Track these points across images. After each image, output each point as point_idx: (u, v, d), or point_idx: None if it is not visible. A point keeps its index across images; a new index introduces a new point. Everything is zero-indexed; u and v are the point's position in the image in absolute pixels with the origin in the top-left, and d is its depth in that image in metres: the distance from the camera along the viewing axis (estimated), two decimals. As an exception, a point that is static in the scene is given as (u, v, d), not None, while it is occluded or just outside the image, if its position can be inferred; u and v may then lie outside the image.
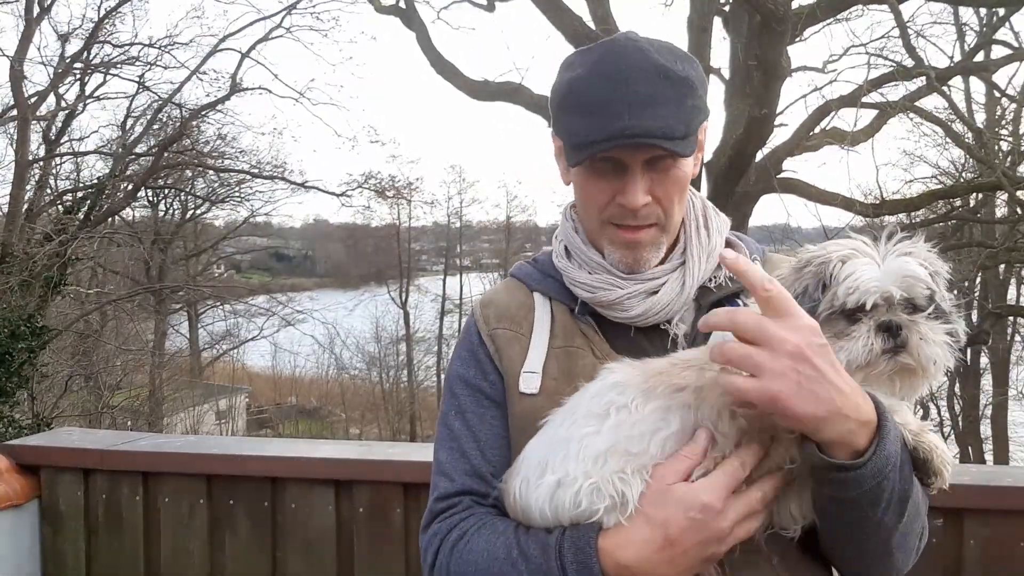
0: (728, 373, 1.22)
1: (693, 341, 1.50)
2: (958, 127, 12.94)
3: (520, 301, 1.60)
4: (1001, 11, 12.82)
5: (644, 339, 1.52)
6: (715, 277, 1.55)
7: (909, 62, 10.87)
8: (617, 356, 1.46)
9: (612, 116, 1.37)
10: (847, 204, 11.66)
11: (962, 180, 15.14)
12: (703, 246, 1.56)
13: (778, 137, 11.68)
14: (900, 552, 1.35)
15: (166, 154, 18.17)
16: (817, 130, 12.02)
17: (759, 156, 10.88)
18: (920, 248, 1.33)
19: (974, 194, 13.79)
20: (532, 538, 1.34)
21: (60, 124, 18.00)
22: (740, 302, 1.53)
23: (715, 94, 11.86)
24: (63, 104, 17.99)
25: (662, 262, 1.54)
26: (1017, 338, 20.14)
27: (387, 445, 4.48)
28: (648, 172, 1.44)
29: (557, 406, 1.42)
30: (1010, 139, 14.34)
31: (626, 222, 1.47)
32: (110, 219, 18.58)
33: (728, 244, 1.60)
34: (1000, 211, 14.54)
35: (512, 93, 12.03)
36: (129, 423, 19.26)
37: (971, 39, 15.47)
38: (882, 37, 13.06)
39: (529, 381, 1.50)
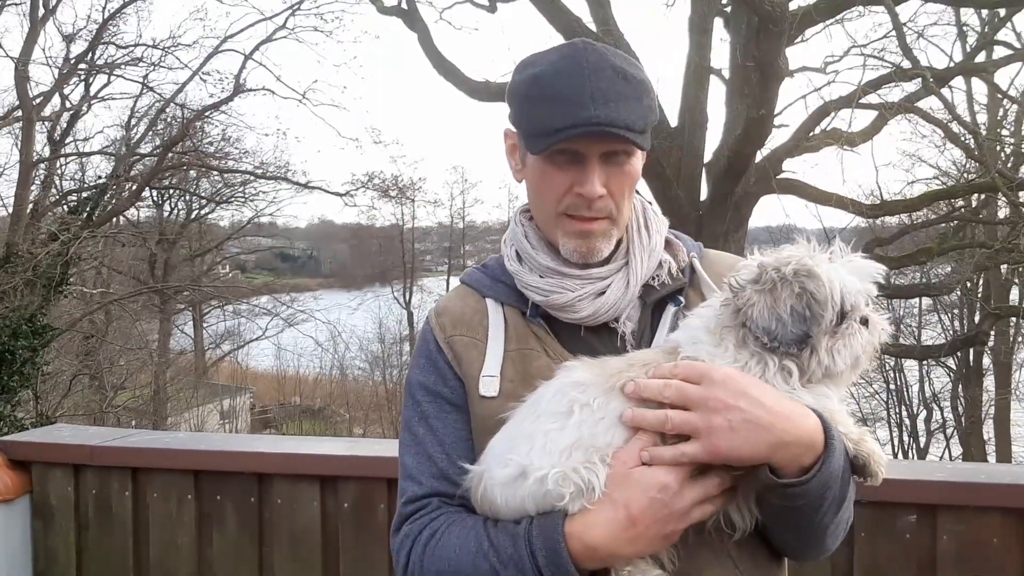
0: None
1: (640, 337, 1.58)
2: (956, 128, 12.92)
3: (473, 307, 1.64)
4: (1002, 12, 12.80)
5: (594, 337, 1.58)
6: (657, 275, 1.61)
7: (907, 63, 10.87)
8: (569, 355, 1.53)
9: (578, 106, 1.43)
10: (847, 205, 11.65)
11: (963, 181, 15.10)
12: (644, 246, 1.61)
13: (778, 138, 11.72)
14: (832, 538, 1.48)
15: (170, 155, 18.23)
16: (817, 131, 12.01)
17: (758, 157, 10.90)
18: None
19: (974, 195, 13.76)
20: (501, 530, 1.40)
21: (65, 125, 18.03)
22: (681, 299, 1.61)
23: (715, 95, 11.88)
24: (68, 105, 18.04)
25: (607, 262, 1.59)
26: (1020, 339, 20.07)
27: (372, 441, 4.52)
28: (603, 165, 1.50)
29: (516, 406, 1.47)
30: (1012, 140, 14.32)
31: (580, 213, 1.52)
32: (115, 219, 18.65)
33: (667, 243, 1.66)
34: (1003, 212, 14.52)
35: (512, 94, 12.03)
36: (133, 423, 19.34)
37: (972, 40, 15.44)
38: (882, 38, 13.05)
39: (488, 385, 1.55)
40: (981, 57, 13.80)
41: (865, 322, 1.39)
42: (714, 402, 1.30)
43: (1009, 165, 12.69)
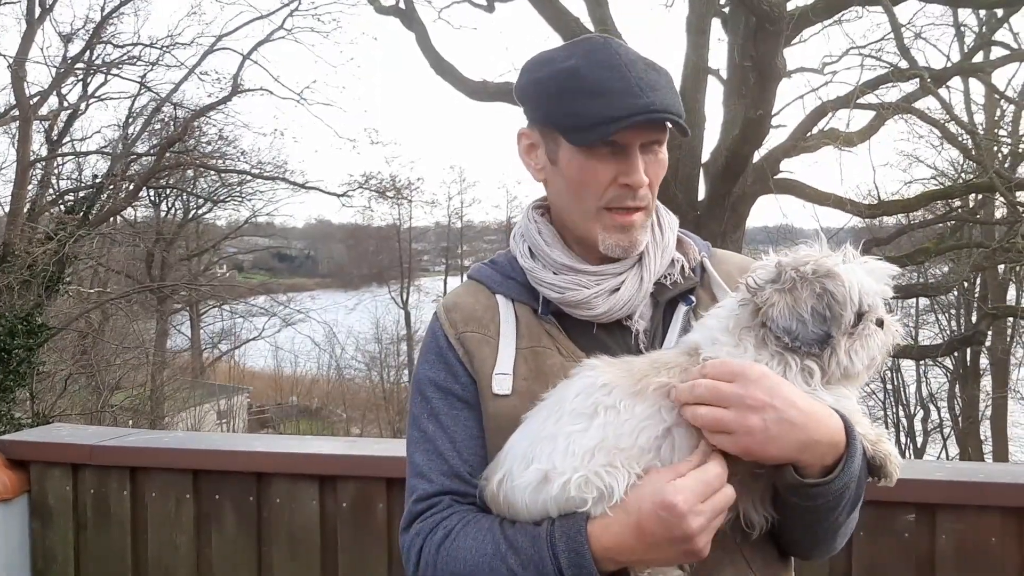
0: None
1: (652, 336, 1.57)
2: (954, 128, 12.94)
3: (484, 304, 1.62)
4: (1000, 12, 12.83)
5: (606, 335, 1.56)
6: (669, 274, 1.60)
7: (905, 64, 10.89)
8: (582, 354, 1.51)
9: (629, 95, 1.43)
10: (845, 205, 11.67)
11: (960, 181, 15.14)
12: (657, 243, 1.60)
13: (775, 138, 11.73)
14: (841, 538, 1.50)
15: (167, 154, 18.22)
16: (815, 131, 12.03)
17: (756, 157, 10.91)
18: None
19: (971, 195, 13.79)
20: (519, 531, 1.38)
21: (62, 124, 18.06)
22: (692, 298, 1.60)
23: (713, 95, 11.90)
24: (65, 104, 18.06)
25: (618, 259, 1.58)
26: (1017, 339, 20.10)
27: (372, 441, 4.53)
28: (642, 155, 1.49)
29: (530, 405, 1.45)
30: (1009, 140, 14.35)
31: (625, 204, 1.51)
32: (112, 219, 18.64)
33: (678, 241, 1.65)
34: (1000, 212, 14.55)
35: (510, 94, 12.00)
36: (130, 422, 19.30)
37: (970, 40, 15.47)
38: (881, 39, 13.07)
39: (501, 383, 1.53)
40: (979, 57, 13.80)
41: (880, 323, 1.39)
42: (751, 400, 1.29)
43: (1006, 165, 12.71)
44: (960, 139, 13.12)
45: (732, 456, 1.33)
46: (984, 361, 20.24)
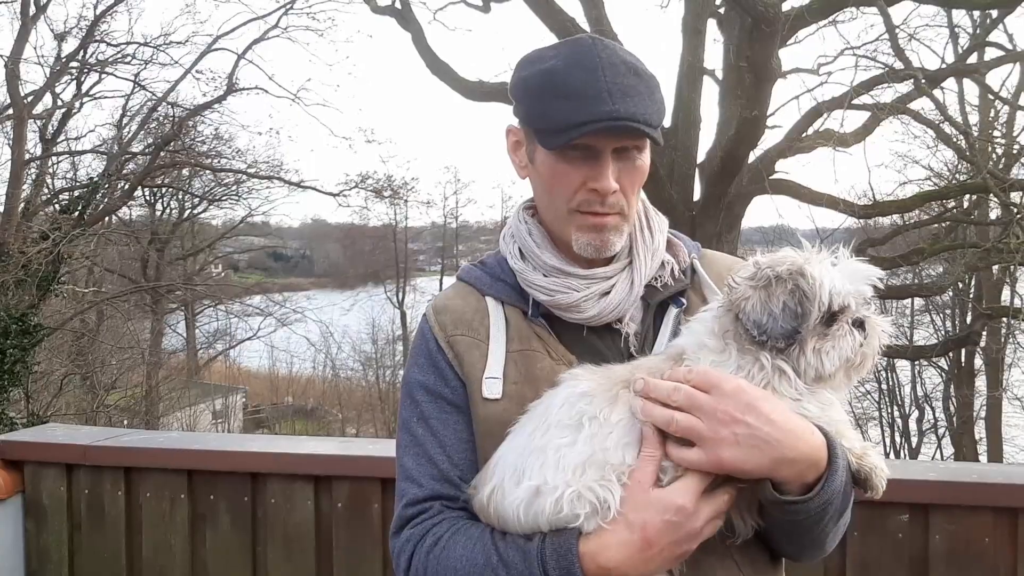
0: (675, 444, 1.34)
1: (643, 339, 1.56)
2: (948, 129, 12.96)
3: (474, 306, 1.61)
4: (994, 13, 12.86)
5: (596, 338, 1.56)
6: (660, 276, 1.60)
7: (900, 65, 10.91)
8: (572, 357, 1.52)
9: (597, 100, 1.42)
10: (839, 206, 11.68)
11: (955, 181, 15.16)
12: (648, 246, 1.60)
13: (770, 139, 11.74)
14: (831, 542, 1.49)
15: (162, 153, 18.18)
16: (810, 131, 12.04)
17: (751, 157, 10.93)
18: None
19: (966, 195, 13.81)
20: (511, 544, 1.37)
21: (57, 123, 18.00)
22: (683, 300, 1.60)
23: (709, 95, 11.91)
24: (59, 103, 17.99)
25: (610, 261, 1.58)
26: (1011, 339, 20.15)
27: (367, 441, 4.53)
28: (615, 160, 1.49)
29: (520, 410, 1.45)
30: (1003, 141, 14.38)
31: (593, 209, 1.51)
32: (107, 218, 18.60)
33: (668, 243, 1.65)
34: (994, 212, 14.57)
35: (506, 94, 12.02)
36: (125, 422, 19.28)
37: (964, 41, 15.51)
38: (875, 40, 13.10)
39: (491, 387, 1.52)
40: (973, 58, 13.86)
41: (860, 324, 1.37)
42: (722, 414, 1.30)
43: (1000, 166, 12.75)
44: (955, 140, 13.12)
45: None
46: (979, 362, 20.29)
